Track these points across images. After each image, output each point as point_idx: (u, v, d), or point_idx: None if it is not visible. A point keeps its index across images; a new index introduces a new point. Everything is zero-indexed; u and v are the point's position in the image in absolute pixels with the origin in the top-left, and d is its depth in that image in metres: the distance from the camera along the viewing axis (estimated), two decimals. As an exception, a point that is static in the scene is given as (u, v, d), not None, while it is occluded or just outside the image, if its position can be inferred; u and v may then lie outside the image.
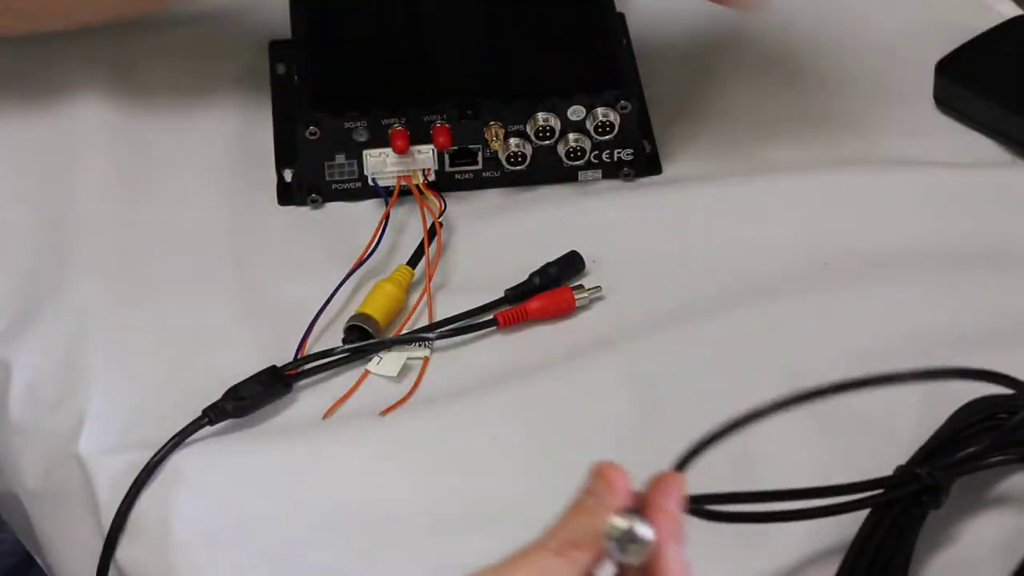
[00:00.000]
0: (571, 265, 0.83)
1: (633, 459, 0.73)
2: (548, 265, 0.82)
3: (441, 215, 0.85)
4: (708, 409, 0.76)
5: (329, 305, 0.81)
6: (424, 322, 0.81)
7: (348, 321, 0.80)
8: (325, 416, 0.78)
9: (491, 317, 0.81)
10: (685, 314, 0.81)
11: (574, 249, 0.83)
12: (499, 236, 0.86)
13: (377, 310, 0.80)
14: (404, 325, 0.81)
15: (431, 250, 0.83)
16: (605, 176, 0.89)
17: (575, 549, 0.55)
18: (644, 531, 0.54)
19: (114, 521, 0.74)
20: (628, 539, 0.54)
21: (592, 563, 0.55)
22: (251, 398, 0.77)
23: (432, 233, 0.84)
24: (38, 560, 0.83)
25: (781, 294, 0.81)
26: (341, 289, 0.82)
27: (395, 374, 0.79)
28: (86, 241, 0.86)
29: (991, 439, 0.70)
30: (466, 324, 0.81)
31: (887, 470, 0.70)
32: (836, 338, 0.78)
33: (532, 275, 0.82)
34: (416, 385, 0.78)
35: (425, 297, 0.82)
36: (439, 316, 0.81)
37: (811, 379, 0.77)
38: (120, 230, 0.86)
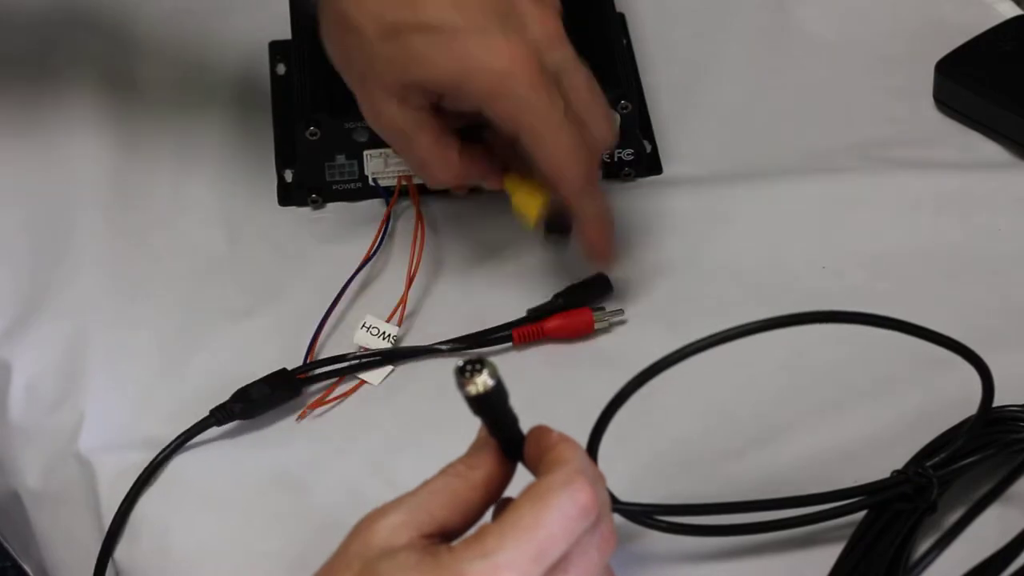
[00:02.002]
0: (598, 287, 0.82)
1: (630, 466, 0.73)
2: (575, 286, 0.81)
3: None
4: (706, 414, 0.77)
5: (334, 307, 0.81)
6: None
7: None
8: (299, 418, 0.78)
9: (507, 333, 0.80)
10: (684, 315, 0.81)
11: (601, 272, 0.82)
12: (499, 236, 0.86)
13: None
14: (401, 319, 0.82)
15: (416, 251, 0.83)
16: (605, 176, 0.89)
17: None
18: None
19: (113, 521, 0.74)
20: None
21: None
22: (260, 400, 0.77)
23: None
24: (26, 567, 0.83)
25: (780, 297, 0.81)
26: (344, 291, 0.82)
27: (377, 383, 0.79)
28: (86, 242, 0.86)
29: (967, 434, 0.70)
30: (481, 339, 0.80)
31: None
32: (836, 340, 0.78)
33: (556, 295, 0.81)
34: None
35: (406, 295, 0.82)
36: (450, 321, 0.81)
37: (811, 380, 0.78)
38: (120, 230, 0.86)
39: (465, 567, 0.55)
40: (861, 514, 0.70)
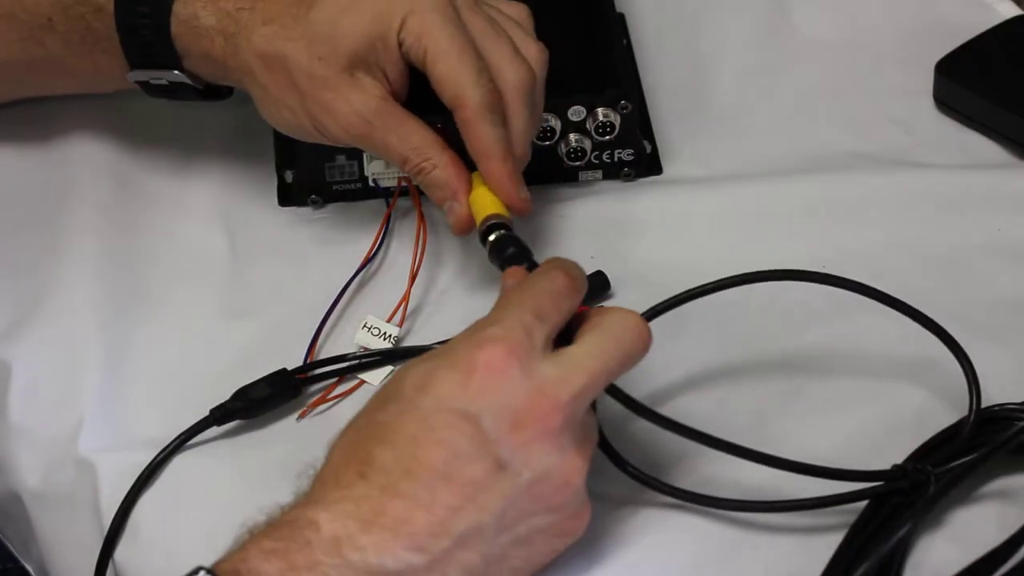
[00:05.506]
0: (596, 286, 0.81)
1: (631, 461, 0.73)
2: None
3: None
4: (706, 412, 0.77)
5: (334, 307, 0.81)
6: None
7: (486, 224, 0.77)
8: (299, 418, 0.78)
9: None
10: (683, 315, 0.81)
11: (600, 270, 0.82)
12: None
13: (497, 205, 0.78)
14: (402, 319, 0.82)
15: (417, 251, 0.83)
16: (606, 176, 0.89)
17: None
18: None
19: (113, 521, 0.74)
20: None
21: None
22: (260, 399, 0.77)
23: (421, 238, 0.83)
24: (27, 567, 0.83)
25: (780, 297, 0.81)
26: (345, 291, 0.82)
27: (377, 383, 0.79)
28: (86, 241, 0.86)
29: (965, 432, 0.71)
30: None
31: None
32: (836, 339, 0.78)
33: None
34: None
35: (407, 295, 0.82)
36: (450, 321, 0.81)
37: (811, 379, 0.78)
38: (120, 231, 0.86)
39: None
40: (860, 506, 0.70)
